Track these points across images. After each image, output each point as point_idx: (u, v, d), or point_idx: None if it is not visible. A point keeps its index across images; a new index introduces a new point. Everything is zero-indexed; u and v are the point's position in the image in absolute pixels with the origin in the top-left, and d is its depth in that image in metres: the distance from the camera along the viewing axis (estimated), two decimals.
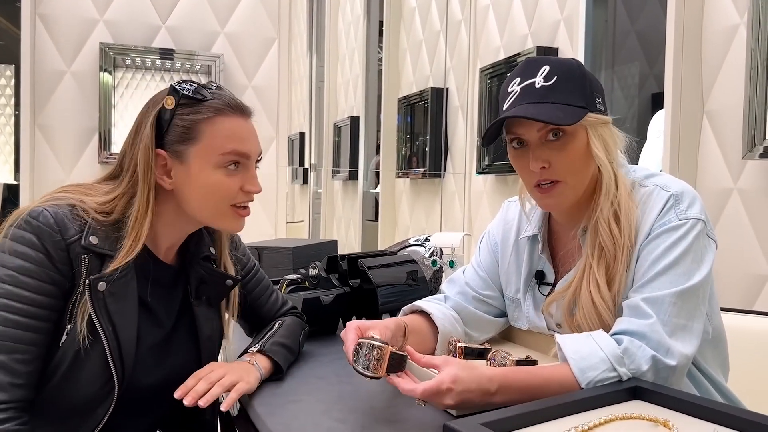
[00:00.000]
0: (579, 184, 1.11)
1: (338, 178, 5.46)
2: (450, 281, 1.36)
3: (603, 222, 1.09)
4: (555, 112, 1.05)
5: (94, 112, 3.33)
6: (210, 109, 1.08)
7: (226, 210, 1.11)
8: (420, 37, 4.29)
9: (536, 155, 1.09)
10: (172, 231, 1.14)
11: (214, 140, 1.07)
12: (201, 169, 1.07)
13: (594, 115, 1.09)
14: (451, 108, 3.94)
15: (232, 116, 1.10)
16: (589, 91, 1.09)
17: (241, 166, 1.11)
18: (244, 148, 1.10)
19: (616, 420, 0.85)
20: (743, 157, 1.96)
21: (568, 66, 1.10)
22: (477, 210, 3.61)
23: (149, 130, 1.07)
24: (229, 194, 1.10)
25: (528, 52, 3.03)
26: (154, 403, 1.15)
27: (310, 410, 1.05)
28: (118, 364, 1.04)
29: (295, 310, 1.39)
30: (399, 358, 1.02)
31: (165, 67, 3.43)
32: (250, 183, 1.12)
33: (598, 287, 1.07)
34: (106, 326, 1.02)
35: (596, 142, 1.09)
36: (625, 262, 1.07)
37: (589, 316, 1.08)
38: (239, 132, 1.10)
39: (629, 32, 3.95)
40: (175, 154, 1.08)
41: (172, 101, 1.07)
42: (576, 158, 1.09)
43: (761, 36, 1.90)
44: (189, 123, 1.07)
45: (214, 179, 1.08)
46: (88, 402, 1.03)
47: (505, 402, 0.95)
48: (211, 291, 1.19)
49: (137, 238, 1.05)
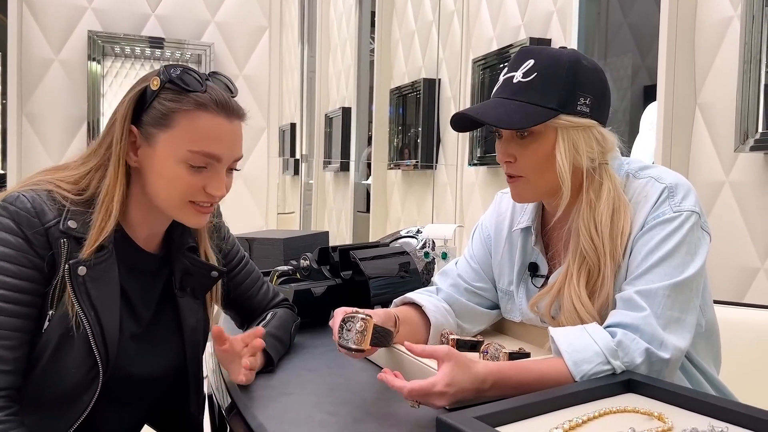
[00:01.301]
0: (542, 182, 1.10)
1: (329, 170, 5.44)
2: (442, 273, 1.35)
3: (583, 228, 1.08)
4: (513, 113, 1.05)
5: (82, 101, 3.29)
6: (192, 102, 1.03)
7: (182, 204, 1.07)
8: (412, 28, 4.27)
9: (503, 149, 1.11)
10: (147, 216, 1.10)
11: (185, 134, 1.03)
12: (165, 157, 1.04)
13: (569, 117, 1.06)
14: (443, 99, 3.93)
15: (214, 115, 1.04)
16: (570, 91, 1.06)
17: (210, 167, 1.06)
18: (216, 151, 1.05)
19: (610, 413, 0.85)
20: (735, 150, 1.96)
21: (554, 61, 1.07)
22: (469, 201, 3.61)
23: (128, 104, 1.05)
24: (187, 191, 1.05)
25: (521, 43, 3.02)
26: (140, 393, 1.14)
27: (302, 403, 1.04)
28: (102, 350, 1.02)
29: (287, 302, 1.38)
30: (383, 332, 1.03)
31: (155, 56, 3.40)
32: (215, 186, 1.06)
33: (580, 299, 1.06)
34: (88, 311, 1.01)
35: (561, 146, 1.06)
36: (609, 276, 1.05)
37: (573, 321, 1.06)
38: (216, 133, 1.04)
39: (621, 24, 3.94)
40: (145, 134, 1.05)
41: (157, 83, 1.04)
42: (539, 158, 1.08)
43: (755, 29, 1.89)
44: (167, 110, 1.03)
45: (174, 172, 1.04)
46: (72, 389, 1.02)
47: (499, 397, 0.95)
48: (196, 282, 1.17)
49: (107, 213, 1.03)
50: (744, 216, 2.00)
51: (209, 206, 1.09)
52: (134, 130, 1.05)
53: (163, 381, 1.16)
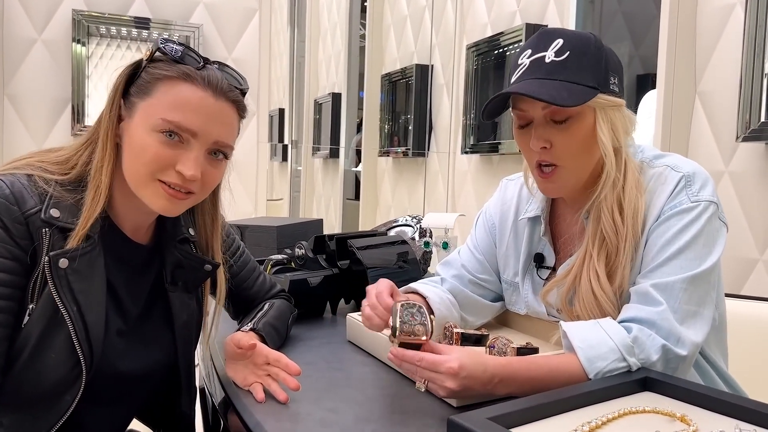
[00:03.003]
0: (580, 169, 1.06)
1: (318, 156, 5.37)
2: (445, 263, 1.30)
3: (606, 210, 1.04)
4: (560, 91, 0.98)
5: (66, 82, 3.19)
6: (178, 72, 0.96)
7: (149, 181, 0.96)
8: (405, 13, 4.20)
9: (538, 134, 1.04)
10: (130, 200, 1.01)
11: (163, 101, 0.95)
12: (138, 125, 0.96)
13: (606, 96, 1.02)
14: (435, 86, 3.87)
15: (200, 89, 0.95)
16: (603, 70, 1.02)
17: (185, 143, 0.95)
18: (191, 124, 0.94)
19: (629, 414, 0.80)
20: (737, 140, 1.93)
21: (584, 40, 1.03)
22: (461, 190, 3.56)
23: (120, 78, 0.98)
24: (154, 163, 0.94)
25: (516, 29, 2.97)
26: (128, 392, 1.07)
27: (301, 399, 0.99)
28: (86, 347, 0.95)
29: (284, 293, 1.32)
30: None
31: (141, 37, 3.30)
32: (185, 163, 0.95)
33: (599, 279, 1.02)
34: (70, 306, 0.93)
35: (603, 126, 1.02)
36: (629, 255, 1.02)
37: (590, 307, 1.03)
38: (194, 105, 0.95)
39: (616, 13, 3.90)
40: (129, 105, 0.98)
41: (148, 53, 0.97)
42: (579, 141, 1.03)
43: (759, 16, 1.85)
44: (150, 78, 0.96)
45: (146, 141, 0.95)
46: (54, 388, 0.95)
47: (508, 394, 0.91)
48: (188, 276, 1.10)
49: (97, 191, 0.95)
50: (743, 207, 1.97)
51: (181, 192, 0.97)
52: (121, 103, 0.98)
53: (153, 379, 1.09)
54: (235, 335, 1.09)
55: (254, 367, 1.05)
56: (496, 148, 3.08)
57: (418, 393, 1.00)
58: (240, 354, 1.05)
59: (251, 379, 1.03)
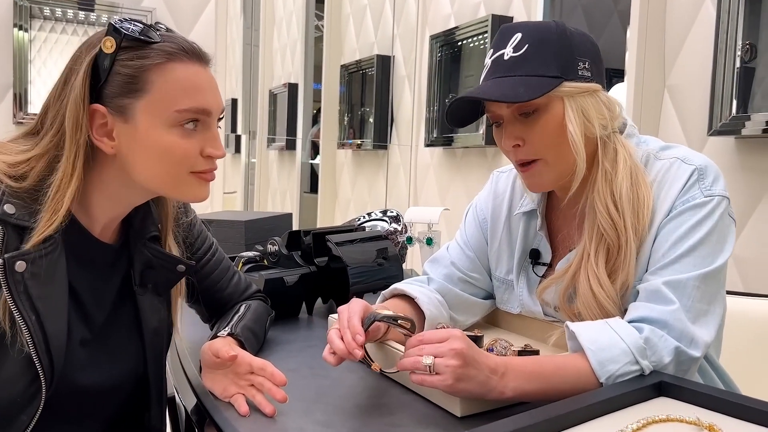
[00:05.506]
0: (561, 160, 1.00)
1: (273, 148, 5.23)
2: (434, 261, 1.23)
3: (600, 203, 0.99)
4: (516, 87, 0.95)
5: (7, 67, 2.99)
6: (160, 54, 0.87)
7: (184, 177, 0.91)
8: (364, 2, 4.11)
9: (508, 132, 1.00)
10: (113, 204, 0.93)
11: (167, 93, 0.87)
12: (150, 127, 0.87)
13: (572, 84, 0.97)
14: (397, 77, 3.79)
15: (189, 63, 0.89)
16: (568, 57, 0.98)
17: (201, 124, 0.90)
18: (205, 104, 0.89)
19: (653, 423, 0.75)
20: (708, 134, 1.92)
21: (543, 30, 0.98)
22: (423, 183, 3.50)
23: (81, 80, 0.85)
24: (187, 160, 0.90)
25: (481, 20, 2.92)
26: (93, 408, 0.96)
27: (289, 411, 0.91)
28: (45, 360, 0.84)
29: (260, 293, 1.23)
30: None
31: (89, 21, 3.11)
32: (212, 145, 0.91)
33: (598, 279, 0.97)
34: (28, 315, 0.82)
35: (572, 114, 0.97)
36: (632, 252, 0.96)
37: (590, 306, 0.98)
38: (198, 82, 0.89)
39: (575, 6, 3.91)
40: (117, 109, 0.87)
41: (112, 44, 0.85)
42: (551, 133, 0.98)
43: (732, 9, 1.84)
44: (134, 71, 0.86)
45: (167, 141, 0.87)
46: (8, 406, 0.84)
47: (515, 391, 0.85)
48: (159, 277, 1.00)
49: (56, 211, 0.85)
50: None
51: (212, 173, 0.93)
52: (101, 109, 0.87)
53: (120, 392, 0.98)
54: (213, 343, 0.99)
55: (235, 376, 0.96)
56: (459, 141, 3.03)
57: (414, 403, 0.93)
58: (219, 363, 0.96)
59: (232, 389, 0.94)
